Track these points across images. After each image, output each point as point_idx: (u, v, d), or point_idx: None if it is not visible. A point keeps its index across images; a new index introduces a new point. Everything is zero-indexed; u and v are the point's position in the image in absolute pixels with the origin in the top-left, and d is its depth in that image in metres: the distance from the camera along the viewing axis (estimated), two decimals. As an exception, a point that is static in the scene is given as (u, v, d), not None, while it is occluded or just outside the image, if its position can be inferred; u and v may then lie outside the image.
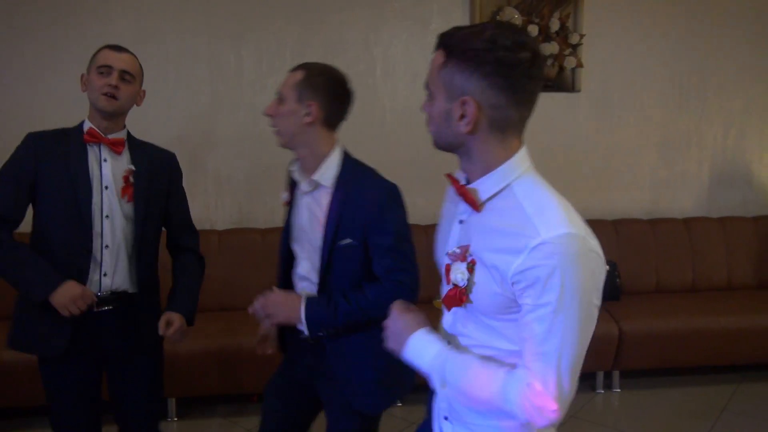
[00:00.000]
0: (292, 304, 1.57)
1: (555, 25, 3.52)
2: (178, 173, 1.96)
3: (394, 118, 3.51)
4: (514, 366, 1.02)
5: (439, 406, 1.19)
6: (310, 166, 1.60)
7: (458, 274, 1.04)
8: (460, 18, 3.51)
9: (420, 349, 1.10)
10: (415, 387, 1.67)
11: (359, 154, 1.71)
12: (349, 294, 1.57)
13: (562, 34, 3.54)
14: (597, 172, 3.74)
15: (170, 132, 3.38)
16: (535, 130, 4.17)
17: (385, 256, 1.56)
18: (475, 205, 1.05)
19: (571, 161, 3.70)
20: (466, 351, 1.09)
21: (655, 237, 3.61)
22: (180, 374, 2.81)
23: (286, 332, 1.75)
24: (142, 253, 1.84)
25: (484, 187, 1.05)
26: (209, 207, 3.43)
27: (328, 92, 1.59)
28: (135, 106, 1.86)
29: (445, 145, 1.08)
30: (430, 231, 3.60)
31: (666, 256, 3.59)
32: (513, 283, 0.97)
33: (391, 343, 1.16)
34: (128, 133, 1.86)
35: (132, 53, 1.83)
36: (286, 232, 1.73)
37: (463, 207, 1.11)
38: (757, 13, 3.73)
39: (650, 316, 3.19)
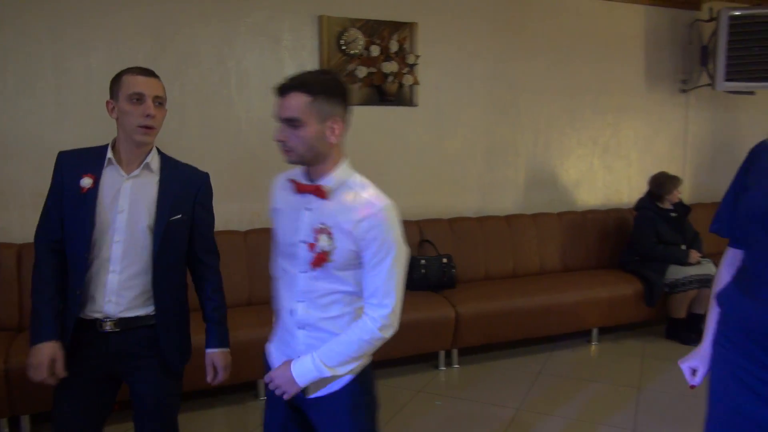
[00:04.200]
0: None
1: (394, 47, 3.95)
2: None
3: (249, 128, 3.68)
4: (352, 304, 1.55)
5: (294, 350, 1.59)
6: (137, 156, 1.79)
7: (324, 242, 1.48)
8: (309, 35, 3.79)
9: (302, 367, 1.51)
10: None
11: (218, 163, 1.94)
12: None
13: (401, 55, 3.98)
14: (434, 176, 4.24)
15: (11, 140, 3.25)
16: (379, 140, 4.63)
17: (208, 234, 1.90)
18: (325, 195, 1.51)
19: (412, 167, 4.15)
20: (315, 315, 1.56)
21: (483, 232, 4.19)
22: (31, 389, 2.72)
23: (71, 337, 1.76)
24: None
25: (331, 182, 1.52)
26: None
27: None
28: None
29: (312, 158, 1.49)
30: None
31: (492, 249, 4.19)
32: (360, 240, 1.47)
33: (288, 388, 1.53)
34: None
35: None
36: (90, 222, 1.72)
37: (308, 198, 1.53)
38: (552, 44, 4.49)
39: (481, 299, 3.71)
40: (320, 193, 1.51)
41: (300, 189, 1.54)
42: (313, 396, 1.56)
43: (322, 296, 1.54)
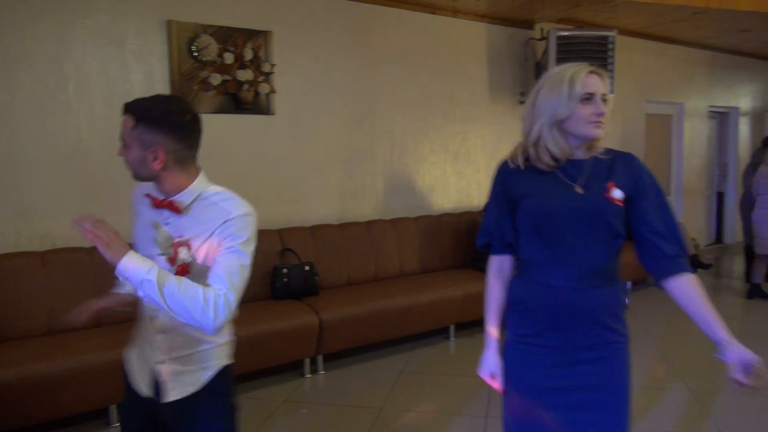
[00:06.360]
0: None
1: (249, 54, 3.90)
2: None
3: (92, 136, 3.43)
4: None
5: (152, 355, 1.56)
6: None
7: (184, 254, 1.48)
8: (157, 40, 3.63)
9: (137, 260, 1.36)
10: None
11: (55, 176, 1.79)
12: None
13: (256, 63, 3.95)
14: (294, 185, 4.25)
15: None
16: (236, 149, 4.55)
17: None
18: (180, 211, 1.50)
19: (271, 176, 4.13)
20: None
21: (345, 238, 4.27)
22: None
23: None
24: None
25: (185, 197, 1.51)
26: None
27: None
28: None
29: (145, 178, 1.51)
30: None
31: (353, 254, 4.28)
32: (218, 243, 1.47)
33: (110, 252, 1.35)
34: None
35: None
36: None
37: (165, 213, 1.52)
38: (405, 56, 4.72)
39: (344, 305, 3.77)
40: (174, 209, 1.50)
41: (155, 204, 1.53)
42: (172, 399, 1.55)
43: None
